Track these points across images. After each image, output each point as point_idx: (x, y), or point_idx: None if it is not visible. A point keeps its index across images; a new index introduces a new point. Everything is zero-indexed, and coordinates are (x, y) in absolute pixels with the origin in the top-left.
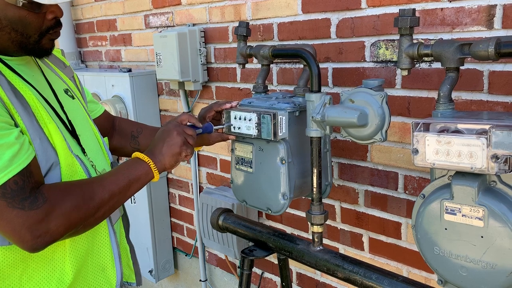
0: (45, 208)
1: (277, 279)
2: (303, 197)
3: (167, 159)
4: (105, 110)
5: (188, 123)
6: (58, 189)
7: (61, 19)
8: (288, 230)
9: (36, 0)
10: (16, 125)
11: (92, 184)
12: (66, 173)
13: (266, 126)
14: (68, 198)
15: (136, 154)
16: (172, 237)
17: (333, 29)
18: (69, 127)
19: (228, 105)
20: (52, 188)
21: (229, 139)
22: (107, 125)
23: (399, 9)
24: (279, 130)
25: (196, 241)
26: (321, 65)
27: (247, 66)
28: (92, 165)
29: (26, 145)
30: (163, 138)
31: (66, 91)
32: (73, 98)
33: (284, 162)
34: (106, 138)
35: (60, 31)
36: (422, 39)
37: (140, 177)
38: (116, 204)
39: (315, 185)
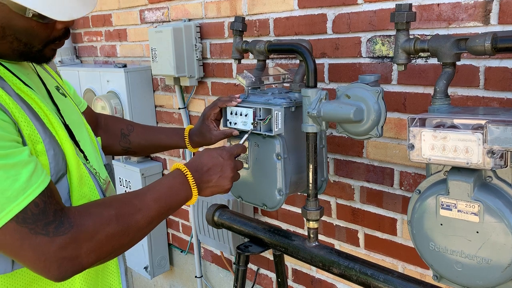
0: (72, 235)
1: (272, 275)
2: (299, 193)
3: (208, 191)
4: (88, 106)
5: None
6: (88, 214)
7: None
8: (284, 226)
9: (50, 16)
10: (24, 143)
11: (129, 209)
12: (75, 184)
13: (263, 121)
14: (102, 227)
15: (187, 175)
16: (168, 233)
17: (329, 25)
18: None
19: (234, 103)
20: (80, 212)
21: (232, 135)
22: (91, 121)
23: (396, 4)
24: (275, 126)
25: (192, 237)
26: (317, 61)
27: (243, 61)
28: (96, 173)
29: (39, 163)
30: (216, 170)
31: (57, 89)
32: (65, 96)
33: (280, 158)
34: (99, 138)
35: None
36: (418, 34)
37: (180, 204)
38: (148, 232)
39: (310, 181)
